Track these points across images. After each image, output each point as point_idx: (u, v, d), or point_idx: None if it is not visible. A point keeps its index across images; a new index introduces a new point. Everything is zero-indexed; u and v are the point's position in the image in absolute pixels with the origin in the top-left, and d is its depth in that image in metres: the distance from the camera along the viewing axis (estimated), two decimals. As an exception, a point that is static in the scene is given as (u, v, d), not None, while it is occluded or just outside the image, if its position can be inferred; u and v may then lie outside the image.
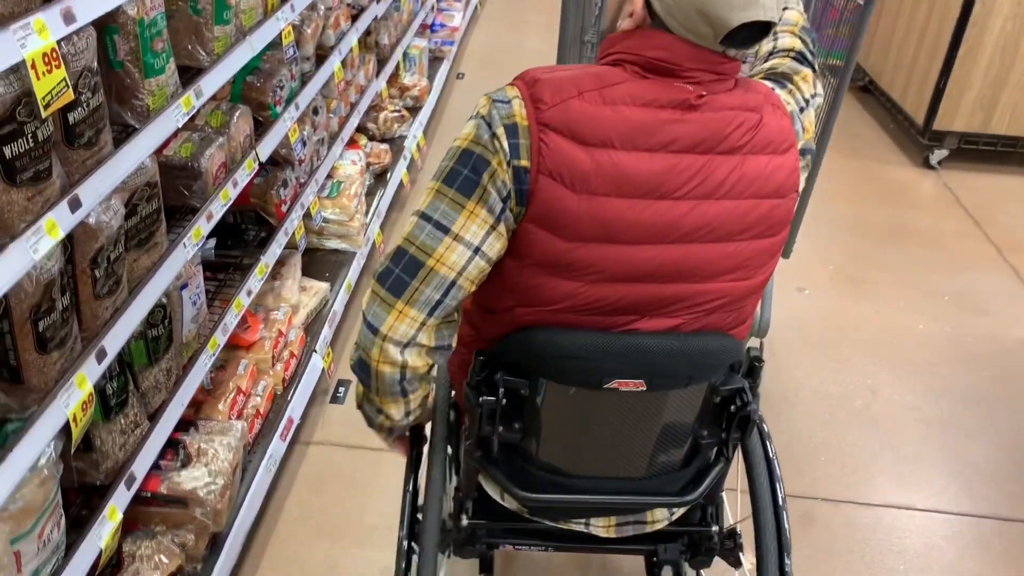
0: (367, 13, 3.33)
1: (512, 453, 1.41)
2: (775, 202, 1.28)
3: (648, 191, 1.21)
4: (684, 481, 1.48)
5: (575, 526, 1.54)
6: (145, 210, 1.67)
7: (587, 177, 1.19)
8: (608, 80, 1.22)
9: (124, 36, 1.59)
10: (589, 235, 1.21)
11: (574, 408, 1.36)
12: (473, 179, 1.21)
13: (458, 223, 1.22)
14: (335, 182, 3.05)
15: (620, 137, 1.19)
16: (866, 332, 3.18)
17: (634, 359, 1.26)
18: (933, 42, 4.40)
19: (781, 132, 1.27)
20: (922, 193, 4.31)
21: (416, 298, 1.24)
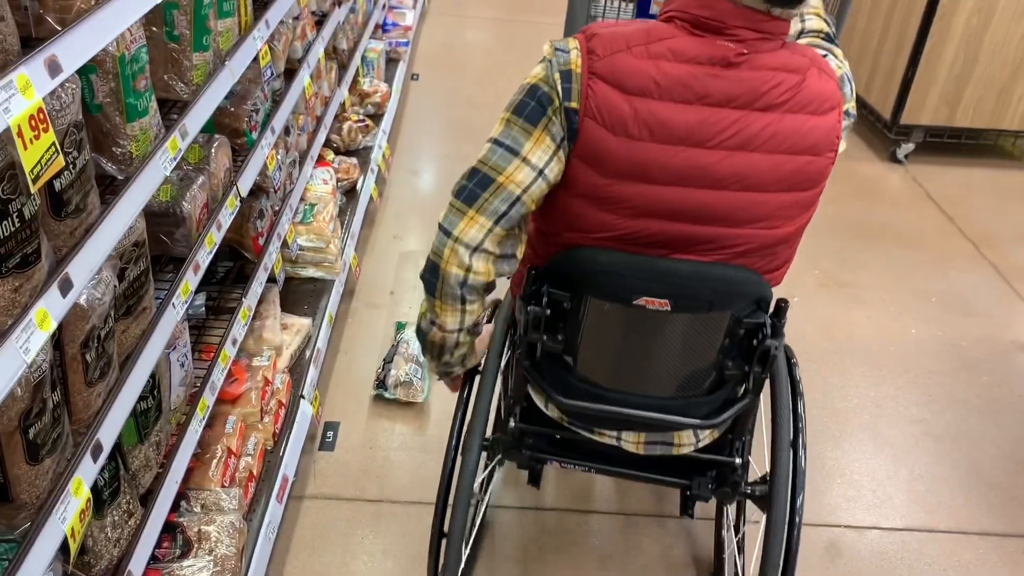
0: (330, 20, 3.11)
1: (555, 365, 1.58)
2: (810, 159, 1.38)
3: (682, 139, 1.34)
4: (710, 408, 1.61)
5: (608, 439, 1.68)
6: (133, 273, 1.46)
7: (625, 121, 1.33)
8: (655, 36, 1.35)
9: (103, 76, 1.37)
10: (625, 173, 1.36)
11: (609, 324, 1.51)
12: (539, 110, 1.38)
13: (526, 147, 1.39)
14: (307, 205, 2.83)
15: (658, 89, 1.32)
16: (861, 340, 3.12)
17: (661, 279, 1.41)
18: (898, 36, 4.37)
19: (823, 94, 1.36)
20: (893, 188, 4.28)
21: (486, 208, 1.41)
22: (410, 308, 3.05)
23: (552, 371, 1.60)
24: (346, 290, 3.02)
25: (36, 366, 1.12)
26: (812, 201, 1.45)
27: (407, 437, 2.51)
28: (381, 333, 2.91)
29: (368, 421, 2.55)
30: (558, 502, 2.36)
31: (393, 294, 3.12)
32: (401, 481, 2.36)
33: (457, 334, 1.55)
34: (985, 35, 4.14)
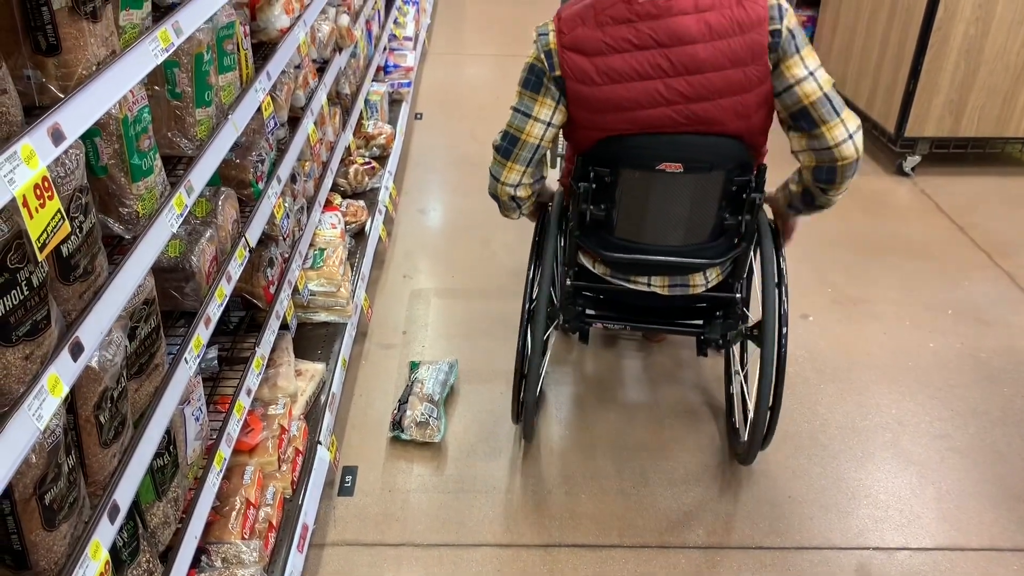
0: (332, 66, 3.14)
1: (599, 230, 2.19)
2: (735, 71, 1.92)
3: (629, 77, 1.94)
4: (716, 252, 2.20)
5: (641, 285, 2.28)
6: (144, 331, 1.46)
7: (590, 74, 1.96)
8: (599, 8, 1.94)
9: (107, 138, 1.39)
10: (601, 108, 1.99)
11: (638, 190, 2.09)
12: (538, 82, 2.03)
13: (535, 110, 2.06)
14: (317, 251, 2.85)
15: (607, 47, 1.93)
16: (879, 356, 3.09)
17: (675, 148, 1.98)
18: (897, 49, 4.38)
19: (741, 20, 1.90)
20: (901, 201, 4.26)
21: (517, 157, 2.13)
22: (423, 347, 3.05)
23: (597, 235, 2.19)
24: (358, 332, 3.02)
25: (50, 431, 1.12)
26: (755, 104, 1.96)
27: (425, 478, 2.50)
28: (395, 374, 2.90)
29: (386, 464, 2.54)
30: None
31: (405, 334, 3.13)
32: (422, 523, 2.34)
33: (525, 212, 2.33)
34: (985, 43, 4.14)
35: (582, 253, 2.34)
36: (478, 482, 2.49)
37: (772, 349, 2.18)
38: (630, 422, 2.74)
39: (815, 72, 1.97)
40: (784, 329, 2.20)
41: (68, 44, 1.19)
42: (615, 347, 3.11)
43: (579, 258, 2.34)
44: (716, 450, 2.64)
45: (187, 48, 1.67)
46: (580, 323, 2.46)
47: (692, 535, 2.34)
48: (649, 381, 2.94)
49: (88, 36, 1.21)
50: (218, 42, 1.85)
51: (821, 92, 1.96)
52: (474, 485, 2.48)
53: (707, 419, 2.77)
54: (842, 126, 1.99)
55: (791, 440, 2.67)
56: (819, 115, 1.97)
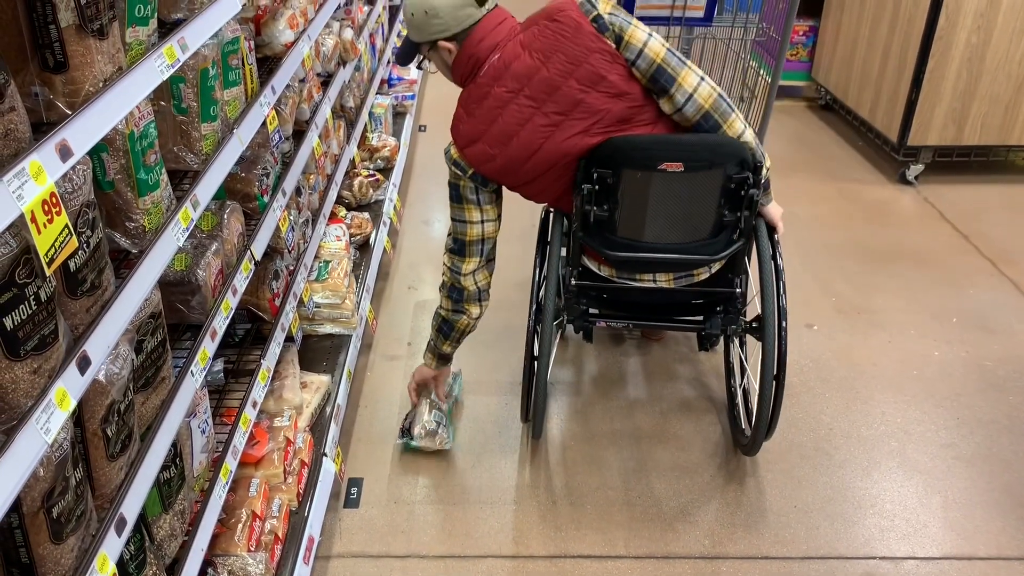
0: (336, 80, 3.16)
1: (602, 231, 2.23)
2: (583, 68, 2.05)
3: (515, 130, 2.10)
4: (716, 248, 2.26)
5: (647, 282, 2.36)
6: (151, 344, 1.47)
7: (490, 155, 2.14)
8: (466, 101, 2.17)
9: (113, 154, 1.40)
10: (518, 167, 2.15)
11: (640, 190, 2.13)
12: (458, 194, 2.26)
13: (466, 215, 2.28)
14: (322, 263, 2.86)
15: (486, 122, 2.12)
16: (884, 366, 3.08)
17: (675, 148, 2.06)
18: (899, 58, 4.39)
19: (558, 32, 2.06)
20: (905, 210, 4.26)
21: (472, 252, 2.34)
22: (428, 359, 3.05)
23: (600, 236, 2.24)
24: (363, 344, 3.03)
25: (57, 445, 1.13)
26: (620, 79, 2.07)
27: (431, 489, 2.50)
28: (400, 385, 2.91)
29: (391, 475, 2.55)
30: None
31: (410, 345, 3.13)
32: (427, 535, 2.34)
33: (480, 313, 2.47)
34: (987, 52, 4.15)
35: (586, 255, 2.39)
36: (483, 493, 2.49)
37: (773, 339, 2.25)
38: (633, 426, 2.75)
39: (652, 35, 2.10)
40: (784, 322, 2.26)
41: (75, 61, 1.21)
42: (615, 347, 3.14)
43: (583, 260, 2.40)
44: (719, 455, 2.64)
45: (192, 63, 1.69)
46: (584, 322, 2.52)
47: (697, 545, 2.34)
48: (650, 381, 2.97)
49: (95, 53, 1.23)
50: (223, 57, 1.87)
51: (665, 49, 2.09)
52: (479, 496, 2.48)
53: (709, 420, 2.78)
54: (692, 74, 2.09)
55: (796, 449, 2.67)
56: (671, 70, 2.07)
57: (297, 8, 2.57)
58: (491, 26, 2.11)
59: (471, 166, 2.17)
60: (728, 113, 2.12)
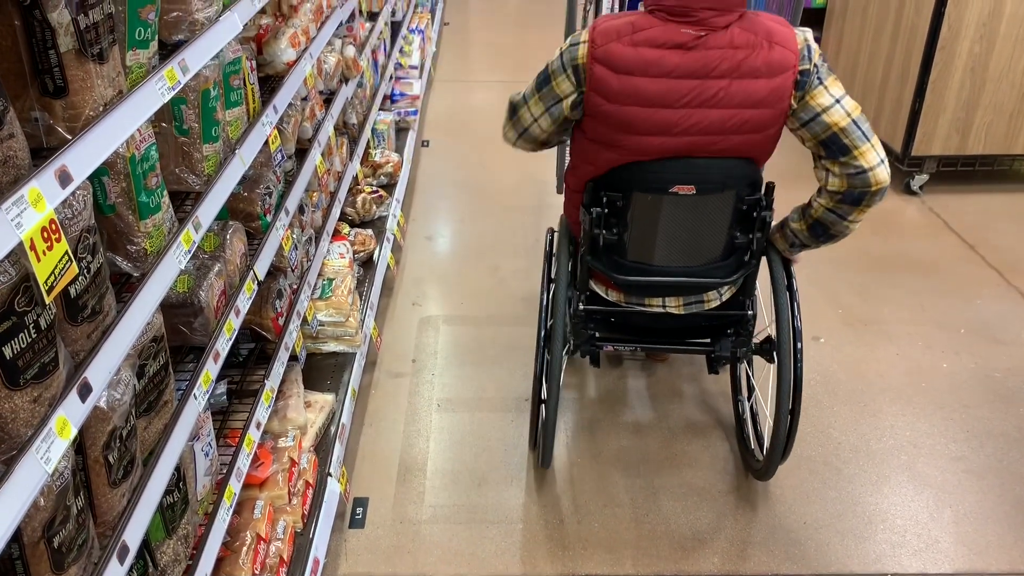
0: (339, 97, 3.16)
1: (611, 254, 2.19)
2: (756, 111, 1.95)
3: (654, 103, 1.94)
4: (727, 271, 2.21)
5: (656, 307, 2.30)
6: (153, 368, 1.46)
7: (614, 92, 1.95)
8: (637, 27, 1.93)
9: (114, 177, 1.39)
10: (617, 127, 1.99)
11: (651, 213, 2.09)
12: (544, 84, 2.08)
13: (531, 102, 2.14)
14: (326, 280, 2.85)
15: (637, 68, 1.92)
16: (892, 378, 3.06)
17: (688, 170, 2.01)
18: (902, 68, 4.38)
19: (772, 62, 1.91)
20: (910, 220, 4.24)
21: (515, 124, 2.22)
22: (432, 375, 3.04)
23: (609, 259, 2.20)
24: (368, 361, 3.02)
25: (58, 474, 1.12)
26: (763, 141, 2.01)
27: (437, 509, 2.48)
28: (405, 403, 2.89)
29: (397, 494, 2.53)
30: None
31: (415, 362, 3.12)
32: (434, 555, 2.32)
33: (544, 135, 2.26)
34: (990, 61, 4.14)
35: (594, 280, 2.34)
36: (490, 512, 2.47)
37: (789, 363, 2.21)
38: (640, 444, 2.72)
39: (841, 100, 1.98)
40: (799, 344, 2.22)
41: (75, 86, 1.20)
42: (619, 367, 3.10)
43: (590, 284, 2.34)
44: (728, 472, 2.61)
45: (194, 85, 1.68)
46: (591, 347, 2.46)
47: (706, 563, 2.31)
48: (656, 401, 2.94)
49: (95, 78, 1.22)
50: (224, 78, 1.86)
51: (850, 119, 1.97)
52: (486, 515, 2.46)
53: (716, 438, 2.75)
54: (874, 151, 1.99)
55: (805, 464, 2.64)
56: (850, 140, 1.98)
57: (299, 27, 2.57)
58: (724, 4, 1.89)
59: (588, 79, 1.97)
60: (862, 140, 1.98)
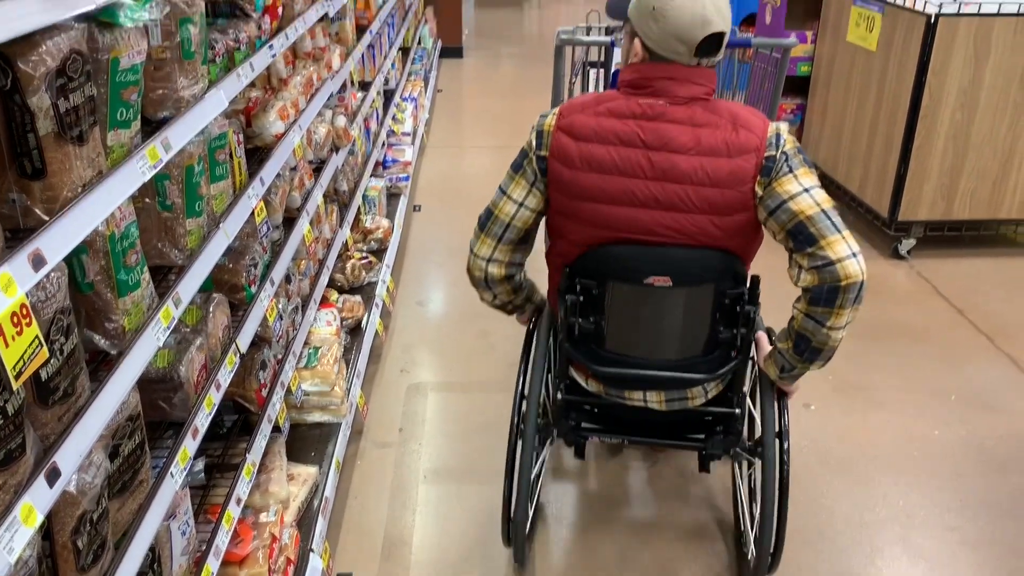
0: (328, 166, 3.19)
1: (589, 343, 2.12)
2: (716, 191, 1.89)
3: (610, 170, 1.92)
4: (710, 367, 2.12)
5: (637, 401, 2.20)
6: (128, 447, 1.44)
7: (572, 158, 1.95)
8: (602, 100, 1.97)
9: (93, 256, 1.39)
10: (578, 195, 1.97)
11: (628, 303, 2.04)
12: (520, 163, 2.07)
13: (510, 188, 2.08)
14: (312, 349, 2.83)
15: (595, 135, 1.93)
16: (883, 446, 3.03)
17: (662, 261, 1.94)
18: (886, 135, 4.45)
19: (731, 143, 1.88)
20: (899, 285, 4.26)
21: (490, 231, 2.14)
22: (419, 445, 3.00)
23: (587, 349, 2.13)
24: (353, 431, 2.98)
25: (22, 563, 1.09)
26: (735, 227, 1.94)
27: (422, 584, 2.43)
28: (391, 474, 2.85)
29: (381, 570, 2.47)
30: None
31: (402, 431, 3.09)
32: (418, 633, 2.27)
33: (501, 300, 2.30)
34: (971, 129, 4.21)
35: (573, 367, 2.26)
36: (476, 588, 2.41)
37: (773, 468, 2.10)
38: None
39: (811, 190, 1.88)
40: (786, 443, 2.13)
41: (54, 168, 1.20)
42: (618, 456, 2.98)
43: (570, 372, 2.27)
44: None
45: (178, 161, 1.70)
46: (576, 437, 2.37)
47: (698, 641, 2.25)
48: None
49: (74, 159, 1.23)
50: (210, 152, 1.88)
51: (818, 208, 1.86)
52: (472, 591, 2.40)
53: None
54: (844, 243, 1.84)
55: (798, 534, 2.60)
56: (817, 229, 1.84)
57: (288, 100, 2.60)
58: (683, 75, 1.90)
59: (550, 147, 1.98)
60: (830, 231, 1.85)
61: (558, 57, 3.06)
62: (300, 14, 2.72)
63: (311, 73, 2.93)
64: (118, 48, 1.32)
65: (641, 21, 1.91)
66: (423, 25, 7.77)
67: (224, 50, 2.03)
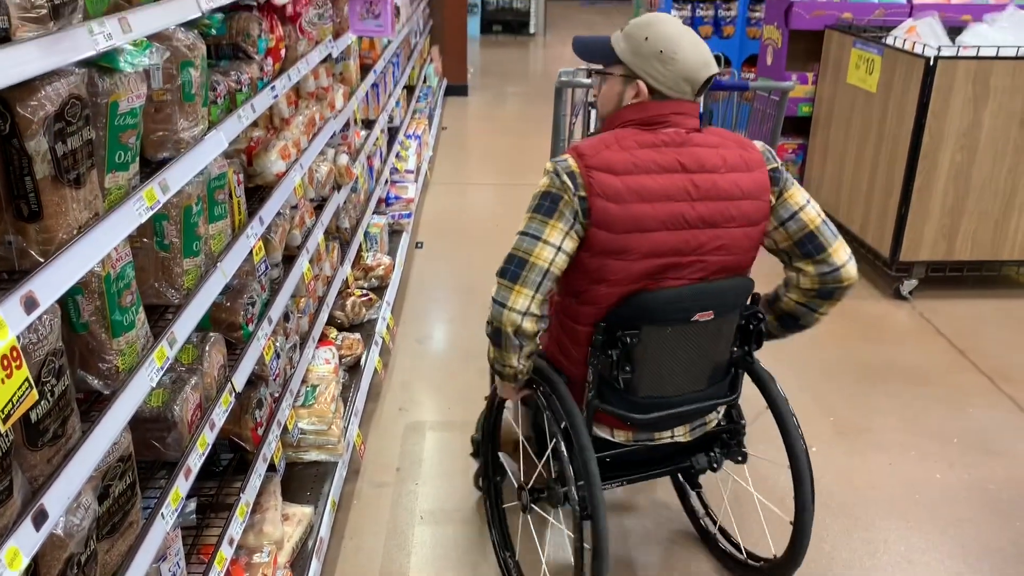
0: (330, 204, 3.21)
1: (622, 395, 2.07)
2: (748, 202, 2.01)
3: (658, 197, 1.94)
4: (729, 387, 2.23)
5: (665, 439, 2.22)
6: (119, 489, 1.43)
7: (620, 192, 1.92)
8: (621, 137, 1.99)
9: (88, 296, 1.40)
10: (628, 228, 1.93)
11: (668, 343, 2.04)
12: (552, 207, 1.96)
13: (546, 233, 1.96)
14: (309, 387, 2.83)
15: (637, 167, 1.94)
16: (884, 489, 3.01)
17: (708, 297, 2.00)
18: (886, 176, 4.46)
19: (746, 159, 2.03)
20: (901, 326, 4.25)
21: (526, 280, 1.97)
22: (416, 485, 2.98)
23: (622, 401, 2.08)
24: (351, 470, 2.97)
25: (6, 608, 1.08)
26: (758, 237, 2.07)
27: (416, 627, 2.40)
28: (388, 514, 2.83)
29: (376, 611, 2.45)
30: None
31: (399, 471, 3.07)
32: None
33: (520, 365, 2.11)
34: (972, 170, 4.23)
35: (596, 424, 2.19)
36: (471, 631, 2.38)
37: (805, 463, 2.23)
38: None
39: (810, 200, 2.12)
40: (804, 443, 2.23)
41: (50, 211, 1.22)
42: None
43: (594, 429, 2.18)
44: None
45: (176, 202, 1.71)
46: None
47: None
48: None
49: (70, 202, 1.24)
50: (209, 193, 1.90)
51: (821, 218, 2.11)
52: (467, 634, 2.37)
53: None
54: (844, 249, 2.12)
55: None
56: (824, 239, 2.09)
57: (290, 139, 2.63)
58: (688, 109, 2.03)
59: (588, 187, 1.91)
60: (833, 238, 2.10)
61: (558, 98, 3.10)
62: (303, 55, 2.76)
63: (313, 113, 2.96)
64: (118, 92, 1.34)
65: (645, 64, 2.00)
66: (428, 64, 7.86)
67: (226, 91, 2.06)
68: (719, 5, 6.93)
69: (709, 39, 6.94)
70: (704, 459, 2.33)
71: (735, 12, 6.95)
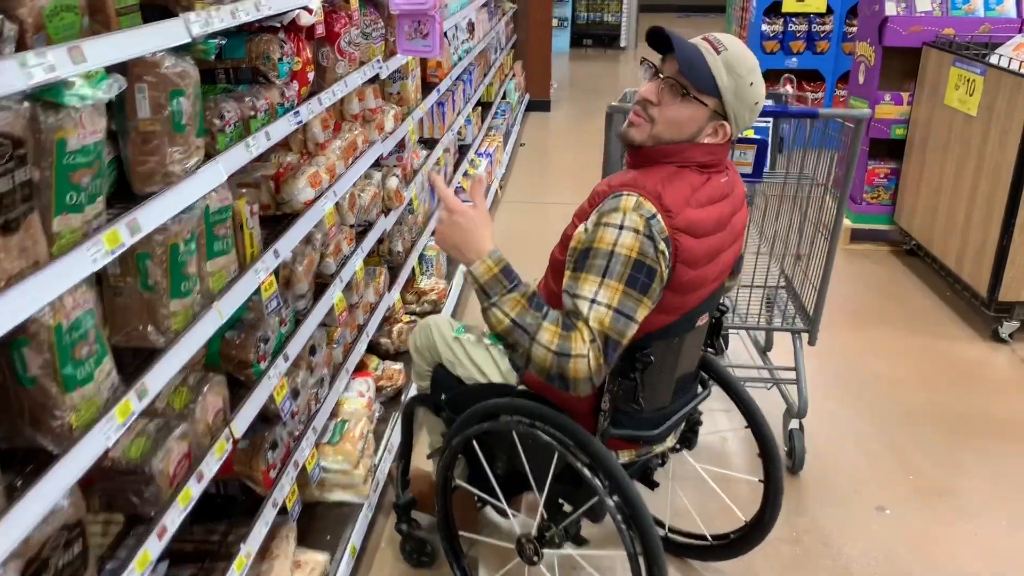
0: (375, 229, 3.09)
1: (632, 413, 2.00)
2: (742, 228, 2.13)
3: (716, 253, 1.97)
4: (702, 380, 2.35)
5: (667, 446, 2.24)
6: (63, 560, 1.31)
7: (699, 258, 1.90)
8: (693, 187, 1.90)
9: (36, 348, 1.28)
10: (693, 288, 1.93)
11: (672, 354, 2.04)
12: (648, 283, 1.80)
13: (639, 313, 1.81)
14: (339, 422, 2.70)
15: (708, 229, 1.91)
16: (966, 562, 2.68)
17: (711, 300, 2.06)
18: (986, 206, 4.08)
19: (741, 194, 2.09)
20: (998, 373, 3.86)
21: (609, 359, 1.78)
22: (449, 530, 2.81)
23: (631, 421, 2.03)
24: (379, 511, 2.82)
25: None
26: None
27: None
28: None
29: (389, 671, 2.29)
30: None
31: (433, 512, 2.91)
32: None
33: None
34: (1084, 203, 3.81)
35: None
36: None
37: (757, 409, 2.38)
38: None
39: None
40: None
41: (-27, 260, 1.10)
42: None
43: None
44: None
45: (161, 239, 1.60)
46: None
47: None
48: None
49: (-2, 251, 1.13)
50: (208, 227, 1.78)
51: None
52: None
53: None
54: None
55: None
56: None
57: (323, 165, 2.52)
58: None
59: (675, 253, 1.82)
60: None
61: (608, 126, 2.91)
62: (342, 76, 2.64)
63: (355, 136, 2.84)
64: (64, 129, 1.23)
65: (741, 108, 1.92)
66: (509, 80, 7.74)
67: (237, 118, 1.94)
68: (813, 19, 6.57)
69: (802, 55, 6.60)
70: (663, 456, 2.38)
71: (830, 27, 6.57)
